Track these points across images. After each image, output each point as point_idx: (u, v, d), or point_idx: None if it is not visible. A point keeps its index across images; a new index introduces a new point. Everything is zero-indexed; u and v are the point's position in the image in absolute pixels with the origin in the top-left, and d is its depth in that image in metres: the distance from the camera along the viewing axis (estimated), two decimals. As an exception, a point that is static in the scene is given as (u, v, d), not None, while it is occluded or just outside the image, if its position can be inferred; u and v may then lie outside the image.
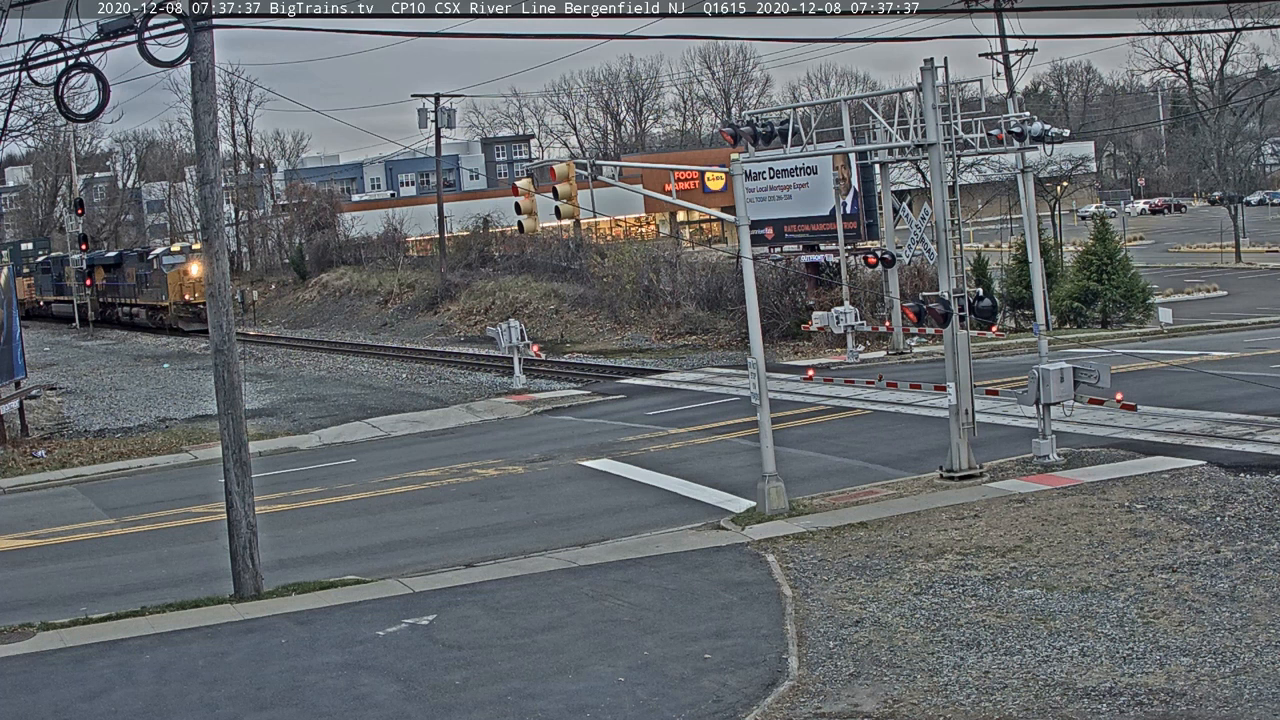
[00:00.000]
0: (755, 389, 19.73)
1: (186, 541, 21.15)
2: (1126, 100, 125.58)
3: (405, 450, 28.31)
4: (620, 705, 12.34)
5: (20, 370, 33.36)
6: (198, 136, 17.36)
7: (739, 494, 20.97)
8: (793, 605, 14.96)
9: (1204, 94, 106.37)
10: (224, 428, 17.22)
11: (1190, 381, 28.90)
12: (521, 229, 23.15)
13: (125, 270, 72.28)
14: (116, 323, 74.55)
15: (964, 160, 29.23)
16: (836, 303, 38.47)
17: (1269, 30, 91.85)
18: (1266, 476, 18.99)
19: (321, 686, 13.43)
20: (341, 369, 44.18)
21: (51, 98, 18.84)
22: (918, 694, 12.12)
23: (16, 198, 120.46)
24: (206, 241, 17.24)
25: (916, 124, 21.37)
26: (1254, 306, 52.75)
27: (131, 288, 71.15)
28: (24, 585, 19.14)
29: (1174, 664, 12.37)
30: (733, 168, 20.29)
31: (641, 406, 31.34)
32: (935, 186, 21.24)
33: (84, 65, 16.30)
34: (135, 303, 70.56)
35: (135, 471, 28.06)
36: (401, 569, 18.14)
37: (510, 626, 14.95)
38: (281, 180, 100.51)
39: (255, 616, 16.07)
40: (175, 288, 63.78)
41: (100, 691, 13.73)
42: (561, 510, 21.43)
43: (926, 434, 24.51)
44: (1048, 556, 16.05)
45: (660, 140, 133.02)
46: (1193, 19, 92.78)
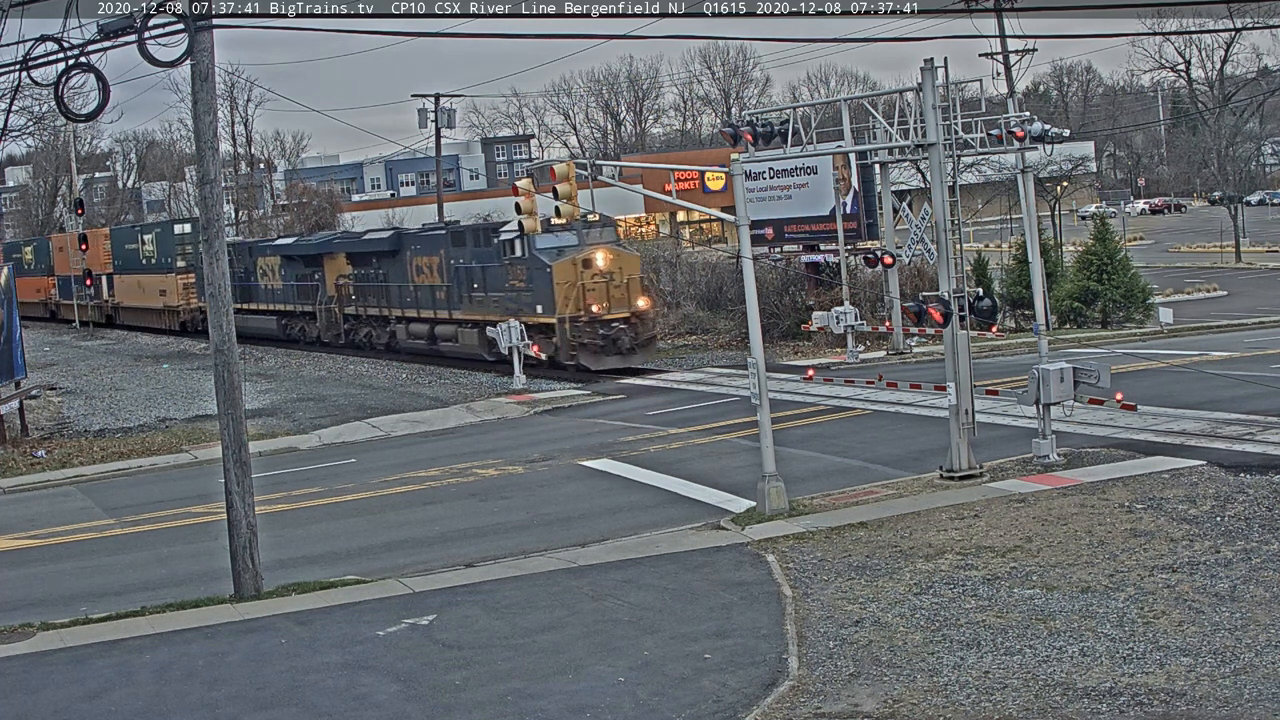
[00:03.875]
0: (755, 389, 19.73)
1: (186, 541, 21.15)
2: (1126, 100, 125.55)
3: (405, 450, 28.31)
4: (620, 705, 12.34)
5: (20, 370, 33.35)
6: (198, 136, 17.36)
7: (739, 494, 20.97)
8: (793, 605, 14.97)
9: (1204, 94, 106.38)
10: (224, 428, 17.23)
11: (1190, 381, 28.91)
12: (521, 229, 23.14)
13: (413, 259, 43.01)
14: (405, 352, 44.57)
15: (964, 160, 29.22)
16: (836, 303, 38.46)
17: (1269, 30, 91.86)
18: (1266, 476, 19.00)
19: (321, 686, 13.43)
20: (341, 369, 44.14)
21: (51, 98, 18.87)
22: (918, 694, 12.12)
23: (16, 198, 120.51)
24: (206, 241, 17.25)
25: (916, 124, 21.38)
26: (1254, 306, 52.77)
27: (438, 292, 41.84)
28: (24, 585, 19.14)
29: (1174, 664, 12.37)
30: (733, 168, 20.29)
31: (641, 406, 31.34)
32: (935, 186, 21.24)
33: (84, 65, 16.31)
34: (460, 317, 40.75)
35: (135, 471, 28.06)
36: (401, 569, 18.15)
37: (510, 626, 14.96)
38: (281, 180, 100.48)
39: (255, 616, 16.07)
40: (569, 292, 36.27)
41: (100, 691, 13.73)
42: (561, 510, 21.44)
43: (926, 434, 24.50)
44: (1048, 556, 16.05)
45: (660, 140, 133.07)
46: (1193, 19, 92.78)
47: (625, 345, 36.30)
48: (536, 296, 36.96)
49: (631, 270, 37.05)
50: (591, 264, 36.44)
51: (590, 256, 36.53)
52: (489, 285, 39.05)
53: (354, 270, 47.22)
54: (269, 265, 52.80)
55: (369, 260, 46.07)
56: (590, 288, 36.17)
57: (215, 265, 17.13)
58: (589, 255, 36.55)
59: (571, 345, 36.26)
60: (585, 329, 36.12)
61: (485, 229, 39.91)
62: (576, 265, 36.31)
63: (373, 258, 45.76)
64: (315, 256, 49.35)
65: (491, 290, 38.89)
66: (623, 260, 37.13)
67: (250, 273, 53.96)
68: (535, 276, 36.88)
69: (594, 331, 36.09)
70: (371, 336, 46.77)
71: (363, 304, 46.76)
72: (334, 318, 48.43)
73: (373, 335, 46.71)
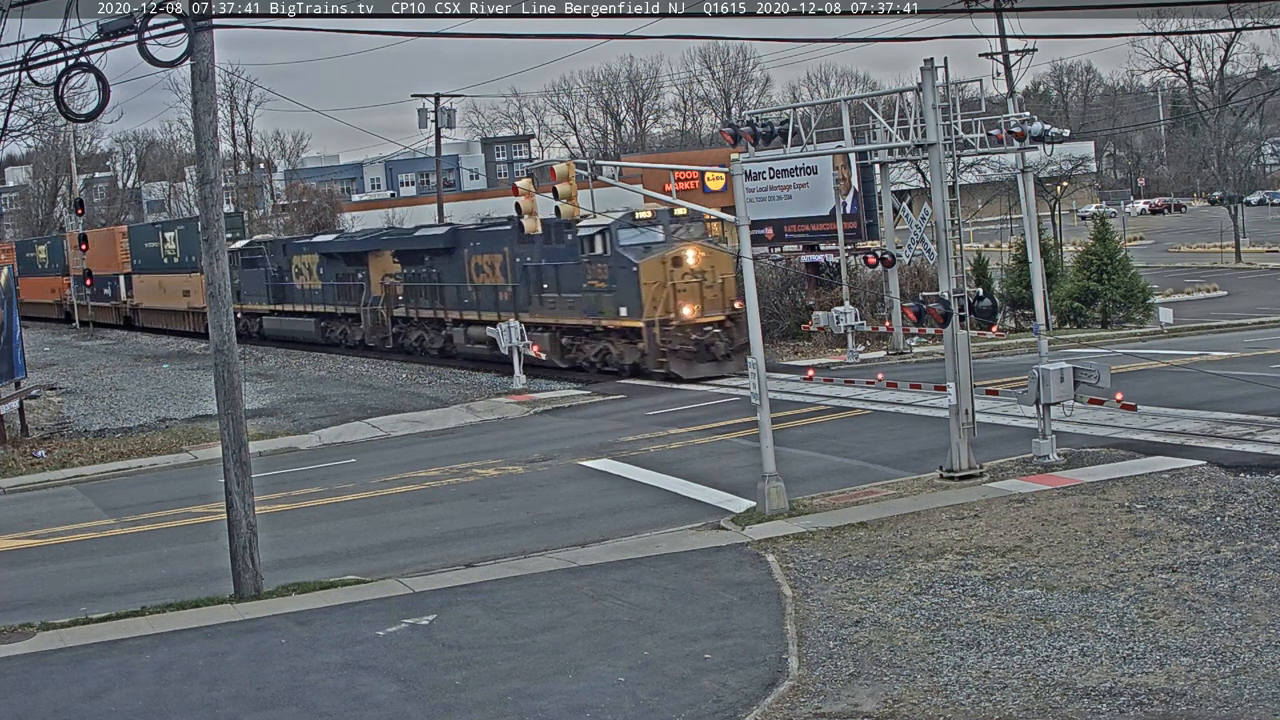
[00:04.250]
0: (755, 389, 19.73)
1: (186, 541, 21.15)
2: (1126, 100, 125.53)
3: (405, 450, 28.31)
4: (620, 705, 12.34)
5: (20, 370, 33.36)
6: (198, 136, 17.37)
7: (739, 494, 20.97)
8: (793, 605, 14.97)
9: (1204, 94, 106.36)
10: (224, 428, 17.23)
11: (1190, 381, 28.91)
12: (522, 229, 23.15)
13: (471, 256, 39.84)
14: (462, 358, 41.32)
15: (964, 160, 29.20)
16: (836, 303, 38.46)
17: (1269, 30, 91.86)
18: (1266, 476, 19.00)
19: (321, 686, 13.43)
20: (341, 369, 44.15)
21: (51, 98, 18.87)
22: (918, 694, 12.12)
23: (16, 198, 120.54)
24: (206, 241, 17.26)
25: (916, 124, 21.38)
26: (1254, 306, 52.78)
27: (501, 293, 38.50)
28: (24, 585, 19.15)
29: (1174, 664, 12.37)
30: (733, 168, 20.29)
31: (641, 406, 31.33)
32: (935, 186, 21.24)
33: (84, 65, 16.32)
34: (529, 320, 36.65)
35: (135, 471, 28.07)
36: (401, 569, 18.15)
37: (510, 626, 14.96)
38: (281, 180, 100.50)
39: (255, 616, 16.07)
40: (658, 294, 33.40)
41: (100, 691, 13.73)
42: (561, 510, 21.44)
43: (926, 434, 24.50)
44: (1048, 556, 16.05)
45: (660, 140, 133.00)
46: (1193, 19, 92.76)
47: (720, 351, 33.75)
48: (620, 298, 34.03)
49: (725, 269, 34.09)
50: (682, 262, 33.66)
51: (680, 254, 33.71)
52: (562, 285, 35.94)
53: (403, 269, 44.26)
54: (306, 264, 49.86)
55: (420, 258, 42.81)
56: (681, 288, 33.41)
57: (215, 265, 17.14)
58: (679, 253, 33.75)
59: (660, 351, 33.45)
60: (676, 334, 33.42)
61: (559, 224, 34.73)
62: (665, 264, 33.49)
63: (425, 255, 42.45)
64: (359, 254, 46.41)
65: (566, 291, 35.83)
66: (715, 258, 34.32)
67: (285, 272, 51.17)
68: (619, 276, 33.89)
69: (685, 336, 33.45)
70: (424, 340, 43.75)
71: (413, 305, 43.69)
72: (380, 320, 45.67)
73: (425, 339, 43.70)
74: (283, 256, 51.31)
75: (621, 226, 34.25)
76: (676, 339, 33.45)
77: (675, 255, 33.79)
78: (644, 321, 33.50)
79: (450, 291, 41.25)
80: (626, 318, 34.08)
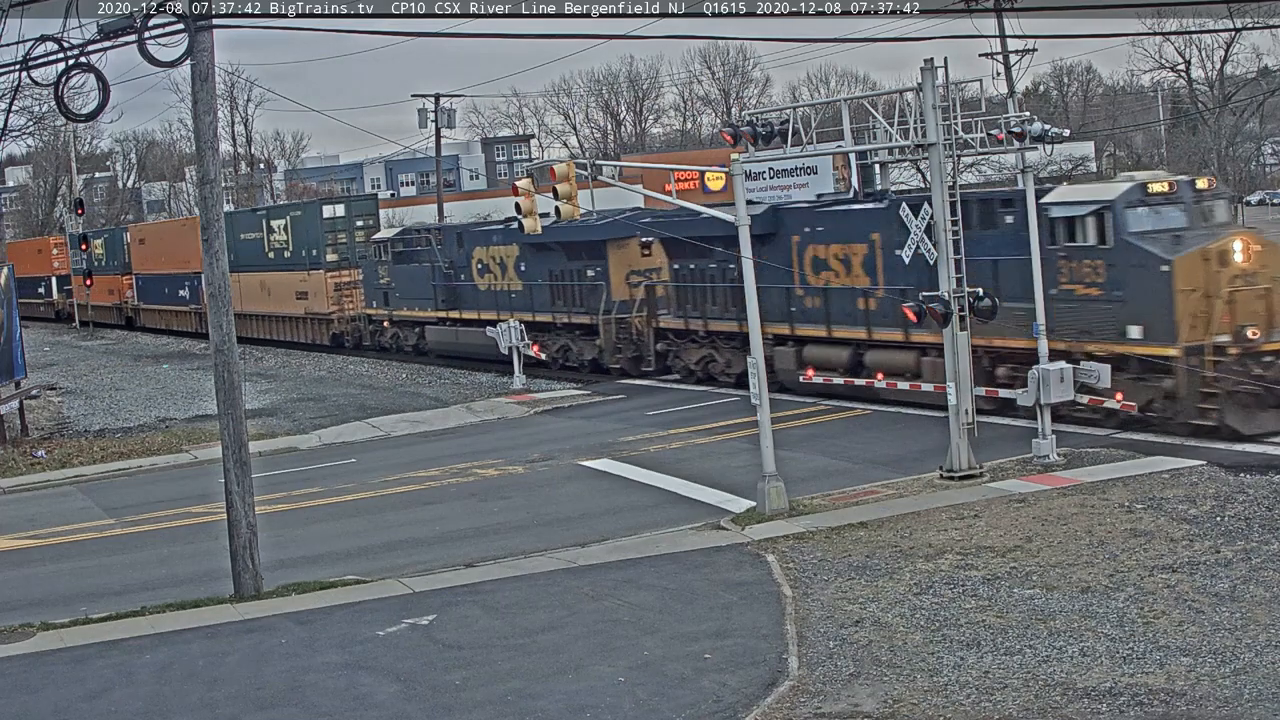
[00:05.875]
0: (755, 389, 19.73)
1: (186, 541, 21.16)
2: (1126, 100, 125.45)
3: (405, 450, 28.31)
4: (620, 705, 12.35)
5: (20, 370, 33.37)
6: (198, 136, 17.38)
7: (739, 494, 20.97)
8: (793, 605, 14.97)
9: (1204, 94, 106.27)
10: (224, 428, 17.24)
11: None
12: (522, 229, 23.11)
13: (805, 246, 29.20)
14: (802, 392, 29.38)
15: (964, 160, 29.14)
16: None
17: (1269, 30, 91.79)
18: (1266, 476, 18.99)
19: (321, 686, 13.44)
20: (341, 369, 44.15)
21: (51, 98, 18.89)
22: (918, 694, 12.13)
23: (16, 198, 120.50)
24: (206, 241, 17.26)
25: (916, 124, 21.33)
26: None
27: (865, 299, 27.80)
28: (24, 585, 19.16)
29: (1174, 664, 12.37)
30: (733, 168, 20.30)
31: (641, 406, 31.31)
32: (935, 186, 21.24)
33: (84, 65, 16.35)
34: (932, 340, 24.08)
35: (135, 471, 28.07)
36: (401, 569, 18.15)
37: (510, 626, 14.96)
38: (281, 180, 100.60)
39: (255, 616, 16.08)
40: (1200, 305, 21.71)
41: (100, 691, 13.73)
42: (561, 510, 21.44)
43: (926, 434, 24.48)
44: (1048, 556, 16.05)
45: (660, 140, 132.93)
46: (1193, 19, 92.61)
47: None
48: (1131, 310, 22.48)
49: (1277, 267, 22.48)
50: (1229, 259, 21.87)
51: (1227, 248, 21.91)
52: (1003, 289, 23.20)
53: (675, 264, 33.06)
54: (498, 258, 38.63)
55: (699, 251, 30.66)
56: (1238, 300, 21.66)
57: (215, 265, 17.16)
58: (1225, 246, 21.93)
59: (1203, 392, 21.71)
60: (1233, 366, 21.54)
61: (998, 198, 25.89)
62: (1210, 262, 21.79)
63: (714, 245, 29.29)
64: (595, 244, 34.93)
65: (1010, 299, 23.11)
66: (1271, 253, 22.48)
67: (462, 269, 40.28)
68: (1131, 277, 22.43)
69: (1246, 370, 21.54)
70: (730, 365, 31.36)
71: (697, 314, 32.16)
72: (633, 333, 34.80)
73: (730, 363, 31.41)
74: (458, 249, 40.68)
75: (1129, 205, 22.57)
76: (1235, 374, 21.64)
77: (1221, 249, 21.93)
78: (1181, 347, 21.74)
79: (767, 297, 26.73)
80: (1143, 341, 22.35)
